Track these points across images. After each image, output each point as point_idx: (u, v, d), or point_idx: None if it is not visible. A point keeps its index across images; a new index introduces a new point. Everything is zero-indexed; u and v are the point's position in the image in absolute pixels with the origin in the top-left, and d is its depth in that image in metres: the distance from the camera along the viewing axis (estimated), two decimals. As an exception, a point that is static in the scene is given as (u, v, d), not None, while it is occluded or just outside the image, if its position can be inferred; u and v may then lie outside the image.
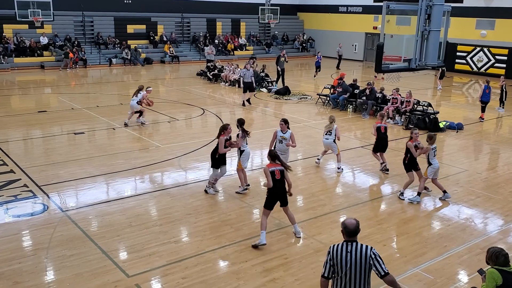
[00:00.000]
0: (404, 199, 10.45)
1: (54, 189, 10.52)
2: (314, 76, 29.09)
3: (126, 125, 16.14)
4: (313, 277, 7.32)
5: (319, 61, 29.36)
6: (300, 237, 8.54)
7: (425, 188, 10.77)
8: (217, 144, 10.22)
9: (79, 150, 13.50)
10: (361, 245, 5.09)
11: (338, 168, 12.35)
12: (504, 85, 20.00)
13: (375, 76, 26.78)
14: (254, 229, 8.84)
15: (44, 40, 31.34)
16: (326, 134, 12.33)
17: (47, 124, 16.42)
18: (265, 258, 7.83)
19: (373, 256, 5.00)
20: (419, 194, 10.41)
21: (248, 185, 10.74)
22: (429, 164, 10.29)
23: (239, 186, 10.65)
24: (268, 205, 8.26)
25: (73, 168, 11.96)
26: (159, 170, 12.02)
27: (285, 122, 10.73)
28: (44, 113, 18.12)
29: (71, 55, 30.45)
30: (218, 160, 10.32)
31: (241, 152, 10.50)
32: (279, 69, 24.45)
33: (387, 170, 12.23)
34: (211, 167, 10.49)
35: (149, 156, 12.98)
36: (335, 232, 8.83)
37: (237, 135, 10.48)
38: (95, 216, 9.31)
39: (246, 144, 10.59)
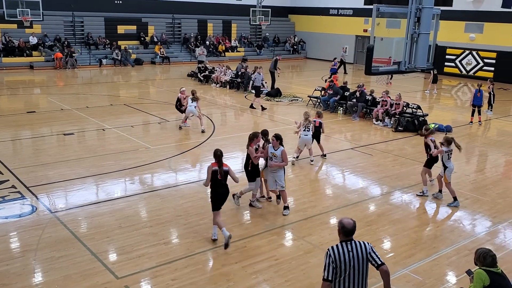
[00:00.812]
0: (441, 198, 10.71)
1: (43, 190, 10.45)
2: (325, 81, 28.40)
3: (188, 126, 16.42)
4: (303, 278, 7.35)
5: (335, 67, 28.81)
6: (227, 242, 8.12)
7: (422, 192, 10.94)
8: (247, 156, 9.69)
9: (69, 151, 13.42)
10: (359, 242, 5.13)
11: (311, 161, 13.01)
12: (492, 88, 20.24)
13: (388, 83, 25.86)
14: (244, 231, 8.85)
15: (33, 40, 31.10)
16: (304, 130, 12.63)
17: (36, 125, 16.31)
18: (255, 260, 7.83)
19: (370, 250, 5.10)
20: (455, 198, 10.39)
21: (270, 198, 10.40)
22: (445, 167, 10.32)
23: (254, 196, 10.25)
24: (215, 207, 8.36)
25: (62, 169, 11.88)
26: (149, 172, 11.98)
27: (277, 138, 9.63)
28: (33, 113, 17.99)
29: (59, 55, 30.28)
30: (252, 173, 9.71)
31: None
32: (278, 71, 24.48)
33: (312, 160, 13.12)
34: (248, 181, 9.78)
35: (139, 158, 12.94)
36: (325, 234, 8.88)
37: (262, 146, 9.96)
38: (84, 217, 9.26)
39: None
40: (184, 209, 9.77)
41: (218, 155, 8.28)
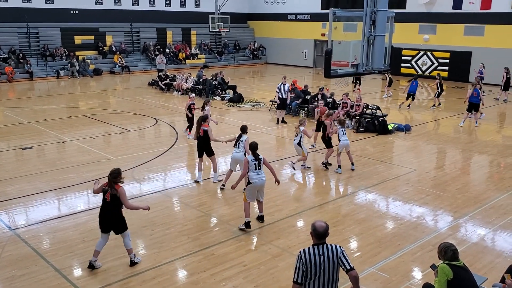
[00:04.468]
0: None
1: (1, 207, 10.10)
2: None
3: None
4: (272, 282, 7.37)
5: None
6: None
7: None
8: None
9: (28, 166, 13.04)
10: (331, 245, 5.15)
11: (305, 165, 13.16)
12: (438, 84, 21.40)
13: (356, 89, 25.71)
14: (211, 238, 8.80)
15: (-15, 53, 30.14)
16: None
17: (-8, 140, 15.79)
18: (224, 267, 7.80)
19: (340, 253, 5.12)
20: (339, 166, 12.63)
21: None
22: (339, 141, 12.55)
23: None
24: None
25: (21, 184, 11.53)
26: (113, 183, 11.74)
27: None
28: (-12, 128, 17.42)
29: (7, 69, 29.31)
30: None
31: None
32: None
33: None
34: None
35: (101, 169, 12.68)
36: (292, 237, 8.93)
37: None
38: (46, 233, 9.01)
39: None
40: (149, 219, 9.63)
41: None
